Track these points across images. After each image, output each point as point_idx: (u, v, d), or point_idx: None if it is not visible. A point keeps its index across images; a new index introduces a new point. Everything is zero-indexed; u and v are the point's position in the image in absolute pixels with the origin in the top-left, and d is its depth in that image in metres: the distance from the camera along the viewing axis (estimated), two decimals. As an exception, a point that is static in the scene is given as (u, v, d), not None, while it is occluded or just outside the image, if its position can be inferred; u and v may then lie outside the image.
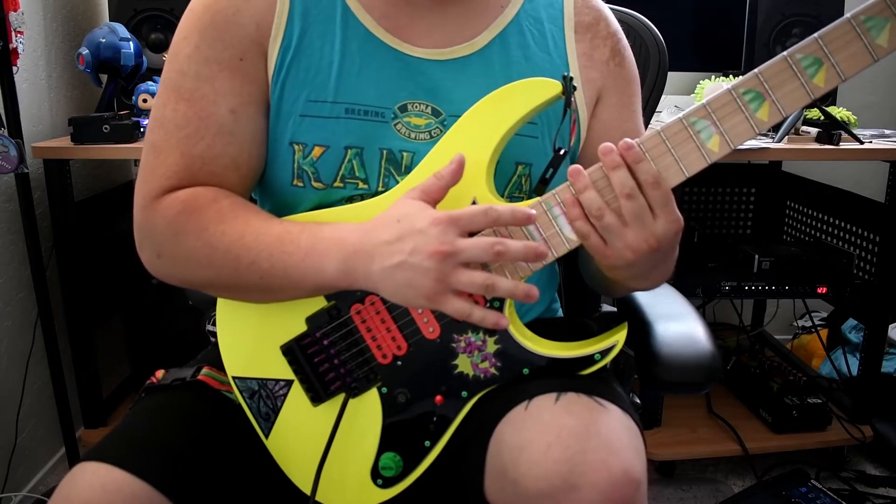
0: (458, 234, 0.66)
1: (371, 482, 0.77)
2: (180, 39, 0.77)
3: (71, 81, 1.87)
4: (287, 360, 0.78)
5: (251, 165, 0.79)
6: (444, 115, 0.79)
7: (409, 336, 0.75)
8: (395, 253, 0.67)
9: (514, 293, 0.68)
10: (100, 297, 1.81)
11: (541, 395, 0.69)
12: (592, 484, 0.62)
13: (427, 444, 0.76)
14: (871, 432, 1.89)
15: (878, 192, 1.90)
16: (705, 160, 0.67)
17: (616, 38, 0.86)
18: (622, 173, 0.65)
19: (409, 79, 0.79)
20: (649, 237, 0.66)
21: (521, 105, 0.73)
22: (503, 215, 0.66)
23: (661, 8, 2.00)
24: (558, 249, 0.71)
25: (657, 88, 1.11)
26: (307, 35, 0.78)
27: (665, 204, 0.66)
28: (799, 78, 0.64)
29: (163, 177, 0.76)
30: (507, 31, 0.82)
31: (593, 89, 0.84)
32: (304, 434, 0.79)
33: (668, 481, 1.85)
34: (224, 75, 0.76)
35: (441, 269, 0.65)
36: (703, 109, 0.66)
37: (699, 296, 1.79)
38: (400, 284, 0.67)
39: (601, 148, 0.66)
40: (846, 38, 0.62)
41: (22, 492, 1.67)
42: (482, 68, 0.80)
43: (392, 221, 0.68)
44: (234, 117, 0.76)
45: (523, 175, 0.80)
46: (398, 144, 0.78)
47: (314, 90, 0.77)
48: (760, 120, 0.65)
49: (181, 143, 0.75)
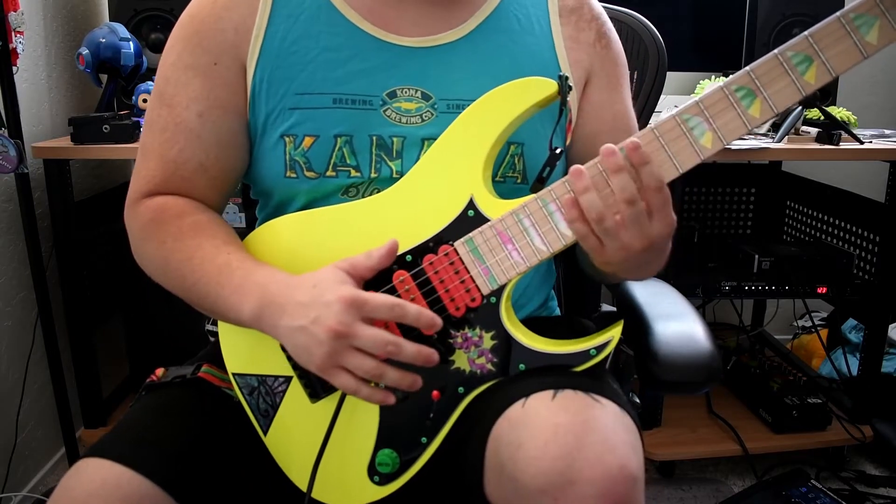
0: (360, 316, 0.67)
1: (368, 479, 0.77)
2: (168, 48, 0.83)
3: (71, 81, 1.87)
4: (286, 355, 0.78)
5: (219, 168, 0.82)
6: (434, 99, 0.81)
7: (407, 332, 0.75)
8: (301, 316, 0.68)
9: (400, 384, 0.69)
10: (100, 297, 1.82)
11: (538, 393, 0.69)
12: (589, 479, 0.62)
13: (424, 440, 0.76)
14: (871, 432, 1.89)
15: (878, 192, 1.90)
16: (698, 156, 0.68)
17: (601, 20, 0.88)
18: (624, 177, 0.66)
19: (396, 66, 0.81)
20: (644, 238, 0.67)
21: (517, 104, 0.74)
22: (408, 314, 0.68)
23: (660, 8, 2.01)
24: (554, 245, 0.72)
25: (656, 88, 1.11)
26: (291, 34, 0.80)
27: (663, 206, 0.67)
28: (790, 75, 0.65)
29: (143, 180, 0.82)
30: (492, 17, 0.84)
31: (581, 70, 0.86)
32: (301, 431, 0.79)
33: (668, 481, 1.85)
34: (197, 81, 0.80)
35: (334, 347, 0.67)
36: (696, 107, 0.67)
37: (699, 296, 1.79)
38: (299, 346, 0.69)
39: (604, 149, 0.66)
40: (836, 35, 0.64)
41: (22, 492, 1.67)
42: (469, 53, 0.82)
43: (310, 285, 0.70)
44: (200, 121, 0.80)
45: (515, 155, 0.82)
46: (388, 130, 0.80)
47: (301, 83, 0.79)
48: (752, 117, 0.66)
49: (160, 147, 0.81)
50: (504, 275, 0.73)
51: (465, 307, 0.74)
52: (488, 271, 0.73)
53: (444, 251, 0.74)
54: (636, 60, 1.10)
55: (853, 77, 2.25)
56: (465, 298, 0.74)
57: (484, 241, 0.73)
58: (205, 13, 0.81)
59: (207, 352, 0.90)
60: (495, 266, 0.73)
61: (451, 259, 0.74)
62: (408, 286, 0.75)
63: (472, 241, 0.74)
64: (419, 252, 0.75)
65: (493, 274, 0.73)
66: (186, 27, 0.81)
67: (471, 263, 0.74)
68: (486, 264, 0.73)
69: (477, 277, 0.74)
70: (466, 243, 0.74)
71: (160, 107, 0.81)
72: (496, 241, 0.73)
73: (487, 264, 0.73)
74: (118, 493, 0.68)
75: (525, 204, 0.72)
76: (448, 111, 0.80)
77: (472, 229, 0.74)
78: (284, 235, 0.80)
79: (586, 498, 0.62)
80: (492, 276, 0.73)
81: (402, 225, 0.76)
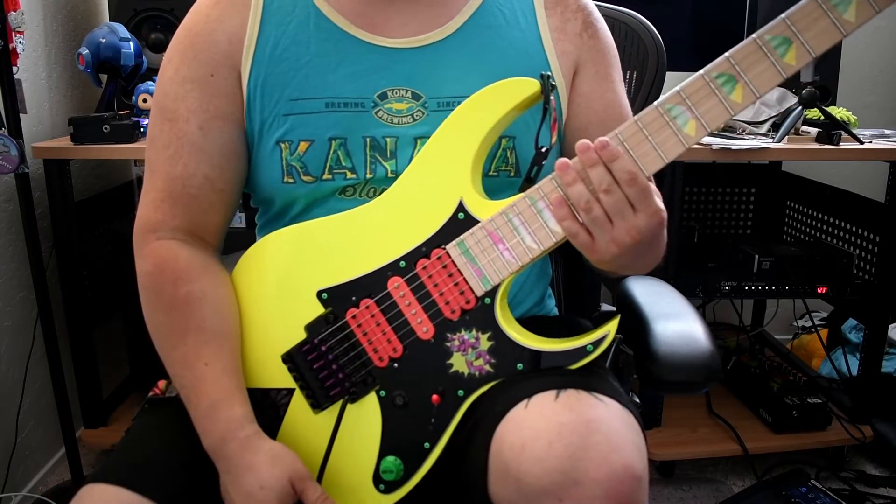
0: None
1: (373, 487, 0.77)
2: (165, 63, 0.83)
3: (71, 81, 1.87)
4: (287, 367, 0.79)
5: (225, 180, 0.83)
6: (424, 98, 0.81)
7: (404, 337, 0.76)
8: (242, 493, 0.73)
9: None
10: (100, 297, 1.82)
11: (540, 393, 0.69)
12: (594, 480, 0.62)
13: (427, 445, 0.76)
14: (871, 432, 1.88)
15: (878, 192, 1.90)
16: (683, 145, 0.69)
17: (587, 10, 0.88)
18: (599, 170, 0.67)
19: (386, 67, 0.81)
20: (631, 230, 0.67)
21: (501, 106, 0.75)
22: None
23: (660, 8, 2.00)
24: (545, 242, 0.72)
25: (655, 88, 1.11)
26: (281, 42, 0.81)
27: (643, 198, 0.67)
28: (769, 58, 0.66)
29: (152, 205, 0.82)
30: (477, 14, 0.85)
31: (569, 61, 0.86)
32: (305, 442, 0.79)
33: (668, 481, 1.85)
34: (195, 93, 0.81)
35: None
36: (678, 96, 0.68)
37: (699, 296, 1.79)
38: None
39: (578, 145, 0.68)
40: (812, 15, 0.64)
41: (22, 492, 1.68)
42: (457, 50, 0.83)
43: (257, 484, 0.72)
44: (202, 133, 0.81)
45: (507, 148, 0.82)
46: (381, 131, 0.81)
47: (294, 90, 0.80)
48: (735, 102, 0.67)
49: (166, 164, 0.81)
50: (497, 275, 0.74)
51: (460, 310, 0.75)
52: (481, 272, 0.74)
53: (437, 255, 0.75)
54: (636, 60, 1.10)
55: (853, 77, 2.26)
56: (459, 301, 0.74)
57: (475, 242, 0.74)
58: (199, 27, 0.82)
59: None
60: (487, 266, 0.74)
61: (444, 262, 0.74)
62: (403, 292, 0.75)
63: (464, 244, 0.74)
64: (412, 257, 0.75)
65: (485, 275, 0.74)
66: (182, 41, 0.82)
67: (463, 265, 0.74)
68: (479, 265, 0.74)
69: (470, 279, 0.74)
70: (458, 246, 0.74)
71: (162, 122, 0.82)
72: (487, 241, 0.73)
73: (480, 265, 0.74)
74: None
75: (514, 203, 0.73)
76: (439, 109, 0.81)
77: (463, 231, 0.74)
78: (282, 249, 0.81)
79: (592, 498, 0.62)
80: (485, 277, 0.74)
81: (394, 231, 0.77)
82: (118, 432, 1.77)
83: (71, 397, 1.70)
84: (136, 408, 1.84)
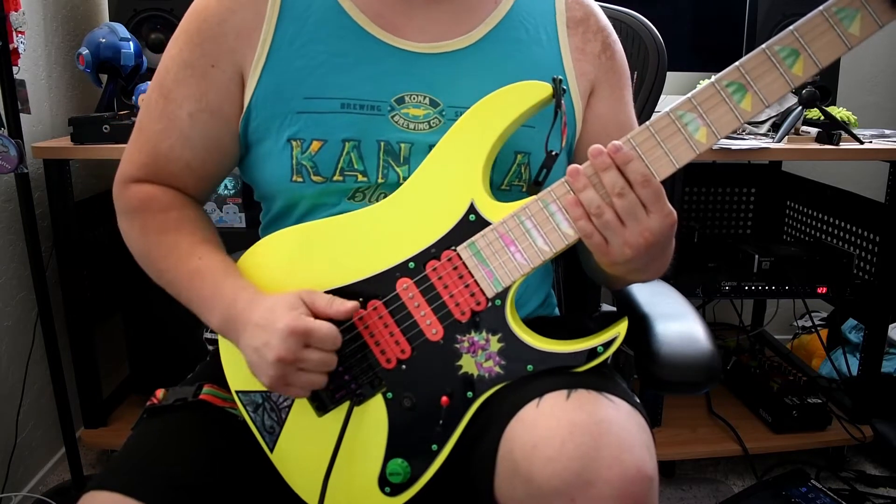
0: (305, 344, 0.71)
1: (379, 490, 0.76)
2: (175, 37, 0.83)
3: (71, 81, 1.87)
4: None
5: (205, 170, 0.85)
6: (442, 106, 0.81)
7: (413, 339, 0.75)
8: (254, 337, 0.73)
9: None
10: (100, 297, 1.81)
11: (551, 393, 0.69)
12: (607, 480, 0.62)
13: (434, 447, 0.75)
14: (871, 432, 1.89)
15: (878, 192, 1.90)
16: (694, 151, 0.69)
17: (606, 31, 0.89)
18: (612, 174, 0.68)
19: (405, 72, 0.81)
20: (644, 232, 0.68)
21: (513, 108, 0.75)
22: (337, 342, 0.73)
23: (660, 8, 2.01)
24: (557, 245, 0.72)
25: (656, 88, 1.11)
26: (299, 38, 0.80)
27: (656, 200, 0.68)
28: (778, 68, 0.67)
29: (135, 165, 0.85)
30: (500, 26, 0.84)
31: (587, 81, 0.87)
32: (308, 445, 0.78)
33: (668, 481, 1.85)
34: (193, 80, 0.81)
35: (281, 370, 0.72)
36: (689, 103, 0.68)
37: (699, 296, 1.79)
38: (252, 363, 0.74)
39: (591, 150, 0.68)
40: (820, 28, 0.66)
41: (22, 492, 1.67)
42: (478, 61, 0.83)
43: (267, 308, 0.73)
44: (190, 122, 0.81)
45: (522, 164, 0.82)
46: (396, 136, 0.80)
47: (309, 88, 0.79)
48: (744, 110, 0.68)
49: (154, 136, 0.83)
50: (508, 277, 0.73)
51: (470, 311, 0.74)
52: (492, 274, 0.74)
53: (448, 256, 0.74)
54: (636, 60, 1.10)
55: (853, 77, 2.26)
56: (470, 303, 0.74)
57: (487, 244, 0.73)
58: (210, 10, 0.80)
59: (207, 367, 0.90)
60: (499, 268, 0.73)
61: (455, 264, 0.74)
62: (412, 293, 0.75)
63: (475, 245, 0.74)
64: (422, 259, 0.75)
65: (497, 277, 0.73)
66: (192, 22, 0.81)
67: (474, 267, 0.74)
68: (490, 267, 0.73)
69: (481, 281, 0.74)
70: (469, 247, 0.74)
71: (158, 96, 0.83)
72: (499, 243, 0.73)
73: (491, 267, 0.73)
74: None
75: (526, 205, 0.73)
76: (456, 118, 0.79)
77: (475, 233, 0.74)
78: (285, 248, 0.80)
79: (604, 499, 0.62)
80: (496, 279, 0.73)
81: (403, 233, 0.76)
82: (118, 432, 1.78)
83: (71, 397, 1.69)
84: (136, 408, 1.84)
